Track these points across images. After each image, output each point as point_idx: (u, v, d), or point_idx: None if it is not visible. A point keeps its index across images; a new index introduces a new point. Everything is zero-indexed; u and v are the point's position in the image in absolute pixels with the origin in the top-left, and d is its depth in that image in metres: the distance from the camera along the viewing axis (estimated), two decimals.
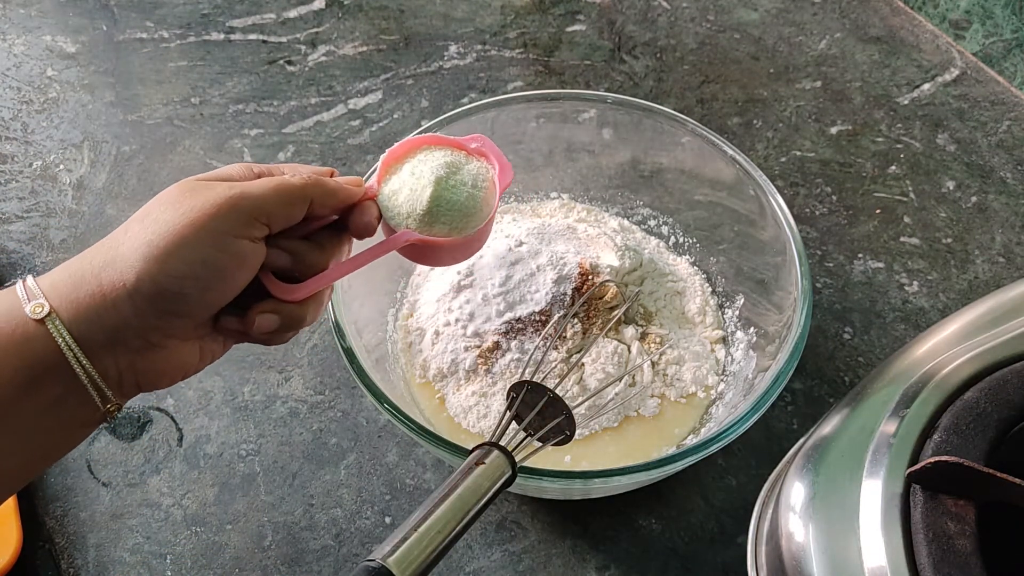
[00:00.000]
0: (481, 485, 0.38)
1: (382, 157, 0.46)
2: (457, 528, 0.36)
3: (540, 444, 0.44)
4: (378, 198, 0.45)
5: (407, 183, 0.44)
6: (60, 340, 0.34)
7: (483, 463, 0.39)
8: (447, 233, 0.45)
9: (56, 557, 0.53)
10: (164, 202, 0.37)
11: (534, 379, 0.45)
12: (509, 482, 0.40)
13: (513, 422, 0.45)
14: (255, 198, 0.37)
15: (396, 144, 0.46)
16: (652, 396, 0.57)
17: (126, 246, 0.35)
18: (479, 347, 0.56)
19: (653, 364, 0.57)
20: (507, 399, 0.45)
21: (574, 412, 0.45)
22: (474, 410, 0.56)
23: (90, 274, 0.35)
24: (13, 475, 0.36)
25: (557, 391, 0.45)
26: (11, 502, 0.53)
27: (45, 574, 0.53)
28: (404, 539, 0.34)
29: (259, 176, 0.40)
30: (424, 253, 0.46)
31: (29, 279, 0.36)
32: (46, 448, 0.36)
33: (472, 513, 0.37)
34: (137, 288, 0.35)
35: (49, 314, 0.34)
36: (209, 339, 0.39)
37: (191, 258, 0.35)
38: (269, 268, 0.40)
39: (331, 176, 0.43)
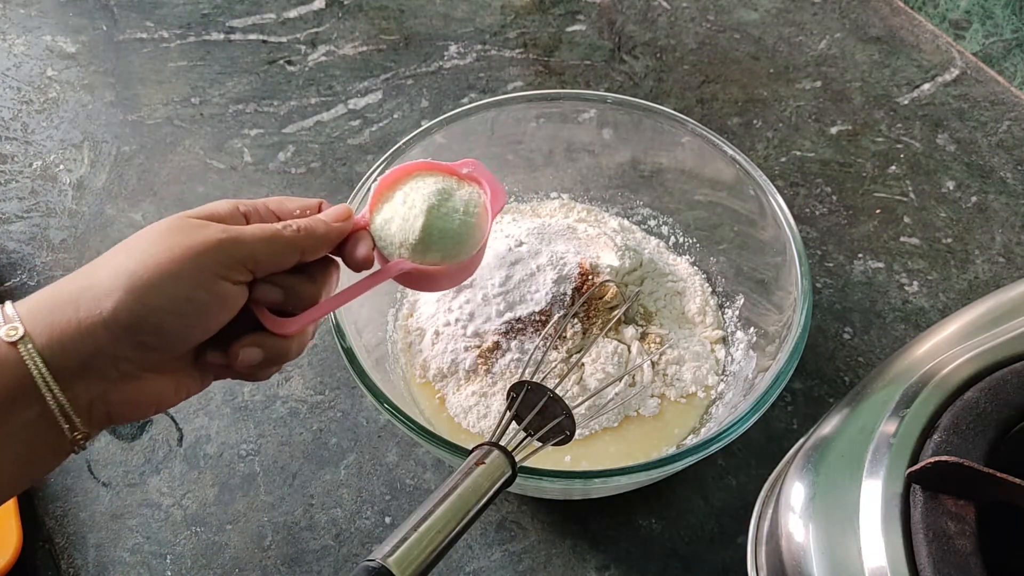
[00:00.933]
0: (481, 485, 0.38)
1: (373, 186, 0.45)
2: (457, 528, 0.36)
3: (540, 444, 0.44)
4: (371, 227, 0.44)
5: (399, 212, 0.44)
6: (31, 364, 0.33)
7: (483, 463, 0.39)
8: (440, 261, 0.45)
9: (56, 557, 0.53)
10: (152, 235, 0.36)
11: (534, 379, 0.45)
12: (509, 482, 0.40)
13: (513, 422, 0.45)
14: (246, 246, 0.37)
15: (388, 171, 0.46)
16: (652, 396, 0.57)
17: (106, 273, 0.35)
18: (479, 347, 0.56)
19: (653, 364, 0.57)
20: (507, 399, 0.45)
21: (574, 412, 0.45)
22: (474, 410, 0.56)
23: (68, 299, 0.35)
24: None
25: (557, 391, 0.45)
26: (11, 502, 0.53)
27: (45, 574, 0.53)
28: (404, 539, 0.34)
29: (245, 215, 0.40)
30: (417, 280, 0.46)
31: (8, 304, 0.35)
32: (11, 475, 0.35)
33: (472, 513, 0.37)
34: (114, 317, 0.34)
35: (23, 337, 0.33)
36: (185, 373, 0.39)
37: (172, 293, 0.35)
38: (260, 302, 0.39)
39: (319, 208, 0.42)
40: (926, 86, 0.82)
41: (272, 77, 0.83)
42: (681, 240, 0.65)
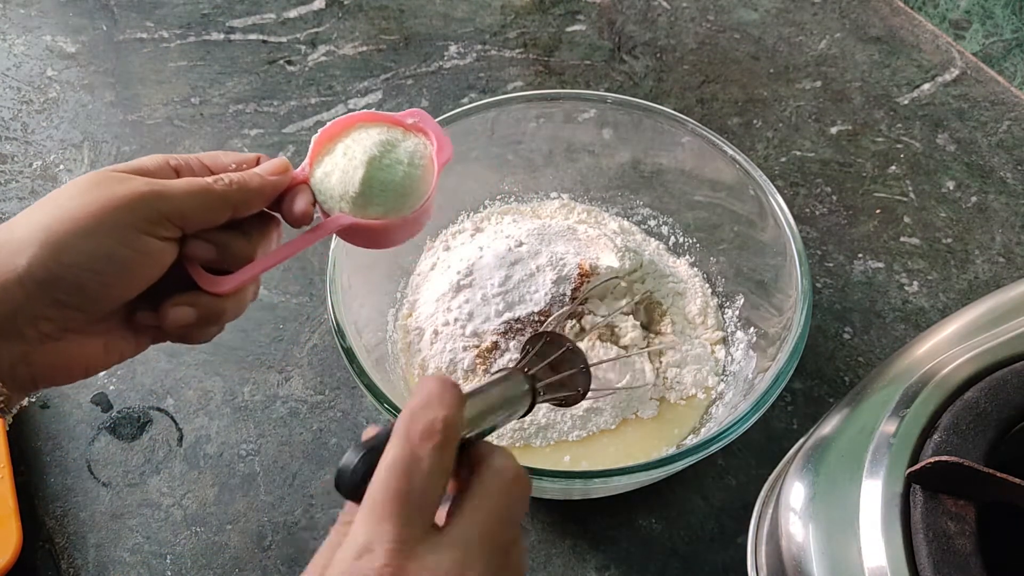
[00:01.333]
0: (506, 392, 0.38)
1: (313, 138, 0.44)
2: (478, 424, 0.35)
3: (558, 386, 0.43)
4: (311, 181, 0.43)
5: (339, 164, 0.42)
6: None
7: (508, 379, 0.38)
8: (383, 215, 0.43)
9: (56, 557, 0.53)
10: (71, 188, 0.35)
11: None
12: (528, 405, 0.39)
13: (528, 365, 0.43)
14: (171, 199, 0.35)
15: (328, 124, 0.44)
16: (652, 399, 0.57)
17: (22, 229, 0.33)
18: (477, 347, 0.56)
19: (656, 369, 0.57)
20: (522, 351, 0.44)
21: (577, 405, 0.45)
22: None
23: None
24: None
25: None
26: (11, 502, 0.53)
27: (45, 574, 0.53)
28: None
29: (176, 169, 0.38)
30: (363, 236, 0.44)
31: None
32: None
33: (493, 417, 0.36)
34: (29, 274, 0.33)
35: None
36: (117, 335, 0.37)
37: (89, 249, 0.34)
38: (192, 259, 0.38)
39: (256, 162, 0.41)
40: (926, 86, 0.82)
41: (272, 77, 0.83)
42: (681, 240, 0.65)
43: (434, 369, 0.57)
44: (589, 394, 0.48)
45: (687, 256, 0.65)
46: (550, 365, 0.42)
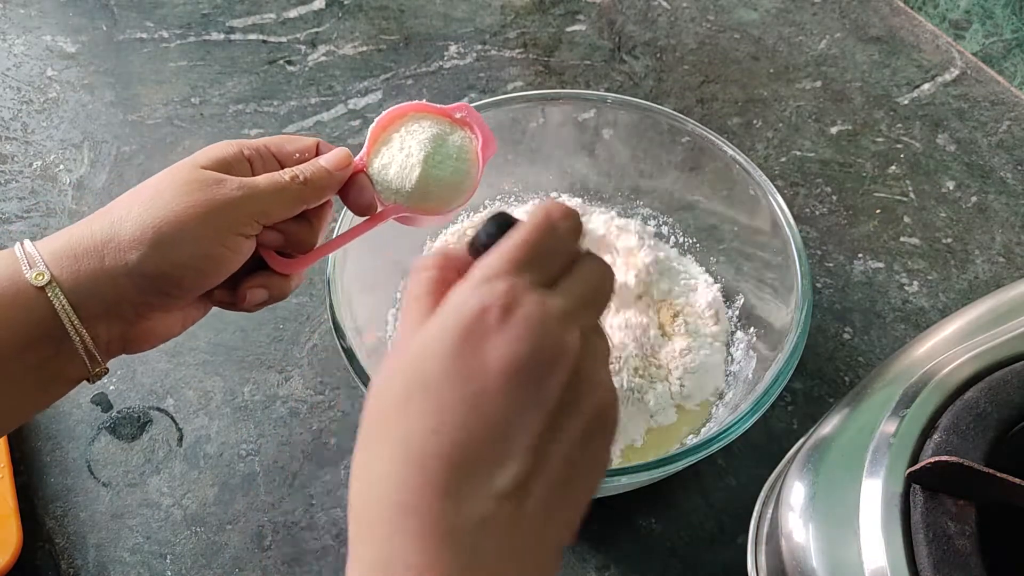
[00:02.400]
0: None
1: (371, 128, 0.47)
2: None
3: None
4: (369, 170, 0.46)
5: (396, 158, 0.46)
6: (60, 308, 0.36)
7: None
8: (434, 207, 0.47)
9: (56, 557, 0.53)
10: (172, 188, 0.38)
11: None
12: None
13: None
14: (259, 201, 0.39)
15: (383, 113, 0.47)
16: (670, 406, 0.56)
17: (130, 226, 0.37)
18: None
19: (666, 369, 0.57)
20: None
21: None
22: None
23: (92, 248, 0.37)
24: None
25: None
26: (11, 502, 0.53)
27: (45, 574, 0.53)
28: None
29: (249, 160, 0.42)
30: (411, 221, 0.49)
31: (28, 243, 0.37)
32: (26, 404, 0.38)
33: None
34: (139, 269, 0.36)
35: (50, 282, 0.36)
36: (193, 307, 0.42)
37: (192, 250, 0.37)
38: (266, 246, 0.42)
39: (316, 149, 0.44)
40: (926, 86, 0.82)
41: (272, 77, 0.83)
42: (681, 240, 0.65)
43: None
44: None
45: (688, 256, 0.65)
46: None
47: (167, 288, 0.38)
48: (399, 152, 0.46)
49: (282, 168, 0.42)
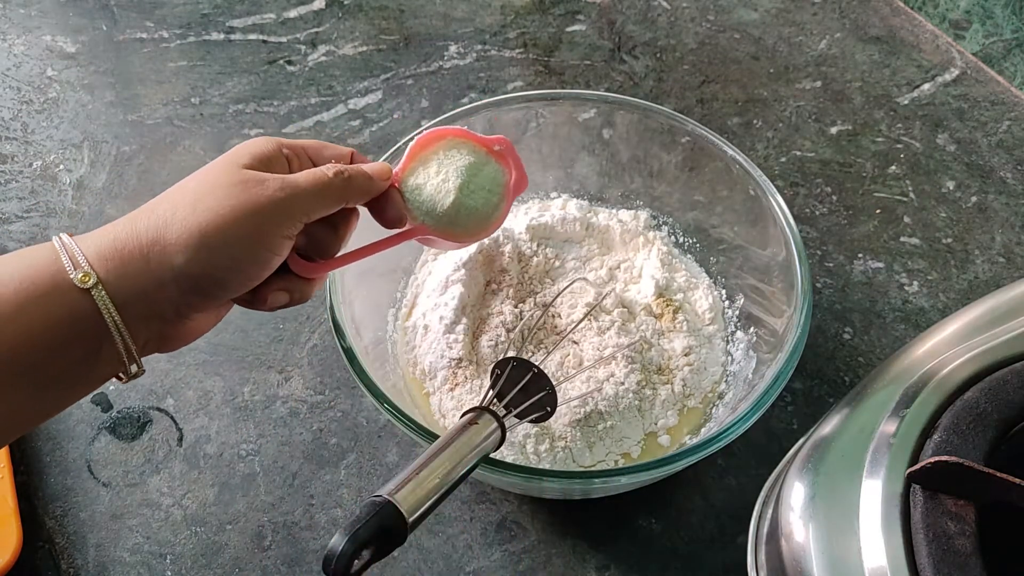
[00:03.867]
0: (474, 440, 0.41)
1: (410, 145, 0.47)
2: (452, 479, 0.39)
3: (527, 408, 0.46)
4: (402, 186, 0.47)
5: (432, 181, 0.46)
6: (105, 311, 0.35)
7: (476, 423, 0.42)
8: (459, 234, 0.48)
9: (56, 557, 0.53)
10: (215, 189, 0.38)
11: (519, 355, 0.48)
12: (499, 441, 0.42)
13: (496, 398, 0.46)
14: (302, 201, 0.39)
15: (425, 132, 0.48)
16: (672, 408, 0.56)
17: (176, 229, 0.37)
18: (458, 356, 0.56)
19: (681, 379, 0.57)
20: (491, 376, 0.47)
21: (571, 383, 0.46)
22: (451, 414, 0.55)
23: (137, 249, 0.37)
24: (23, 423, 0.37)
25: (559, 366, 0.45)
26: (11, 502, 0.53)
27: (45, 574, 0.53)
28: (407, 480, 0.37)
29: (288, 160, 0.42)
30: (435, 243, 0.49)
31: (67, 239, 0.37)
32: (59, 400, 0.38)
33: (467, 466, 0.40)
34: (185, 272, 0.37)
35: (96, 284, 0.35)
36: (224, 306, 0.42)
37: (236, 252, 0.38)
38: (292, 249, 0.42)
39: (351, 158, 0.45)
40: (926, 86, 0.82)
41: (272, 77, 0.83)
42: (681, 240, 0.65)
43: (425, 366, 0.57)
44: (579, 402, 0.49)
45: (688, 256, 0.65)
46: (518, 390, 0.46)
47: (210, 289, 0.38)
48: (435, 175, 0.47)
49: None
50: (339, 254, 0.45)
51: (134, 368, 0.38)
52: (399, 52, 0.86)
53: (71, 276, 0.35)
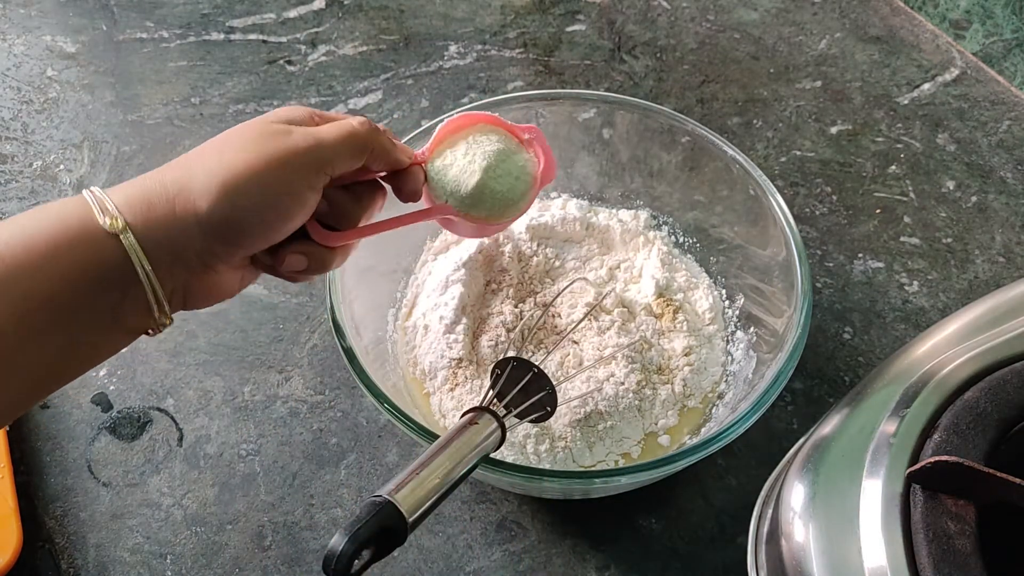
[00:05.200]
0: (474, 440, 0.41)
1: (440, 126, 0.47)
2: (452, 479, 0.39)
3: (527, 408, 0.46)
4: (428, 166, 0.47)
5: (458, 162, 0.46)
6: (133, 255, 0.36)
7: (476, 423, 0.42)
8: (484, 217, 0.48)
9: (56, 557, 0.53)
10: (241, 139, 0.39)
11: (520, 355, 0.48)
12: (499, 441, 0.42)
13: (497, 398, 0.46)
14: (328, 149, 0.40)
15: (456, 115, 0.48)
16: (672, 408, 0.56)
17: (201, 176, 0.37)
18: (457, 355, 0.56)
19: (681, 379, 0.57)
20: (491, 376, 0.47)
21: (572, 382, 0.46)
22: (452, 414, 0.55)
23: (163, 196, 0.37)
24: (55, 377, 0.38)
25: (559, 366, 0.45)
26: (11, 502, 0.53)
27: (45, 574, 0.53)
28: (406, 481, 0.37)
29: (316, 124, 0.42)
30: (455, 227, 0.49)
31: (97, 190, 0.37)
32: (90, 353, 0.38)
33: (467, 466, 0.40)
34: (208, 216, 0.37)
35: (124, 228, 0.36)
36: (248, 269, 0.42)
37: (260, 197, 0.38)
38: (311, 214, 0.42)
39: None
40: (926, 86, 0.82)
41: (272, 77, 0.83)
42: (681, 240, 0.65)
43: (425, 366, 0.57)
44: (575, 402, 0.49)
45: (688, 255, 0.65)
46: (518, 390, 0.46)
47: (233, 237, 0.38)
48: (463, 157, 0.47)
49: None
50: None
51: (163, 319, 0.38)
52: (399, 52, 0.86)
53: (100, 222, 0.36)
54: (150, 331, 0.39)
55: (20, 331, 0.34)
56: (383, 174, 0.45)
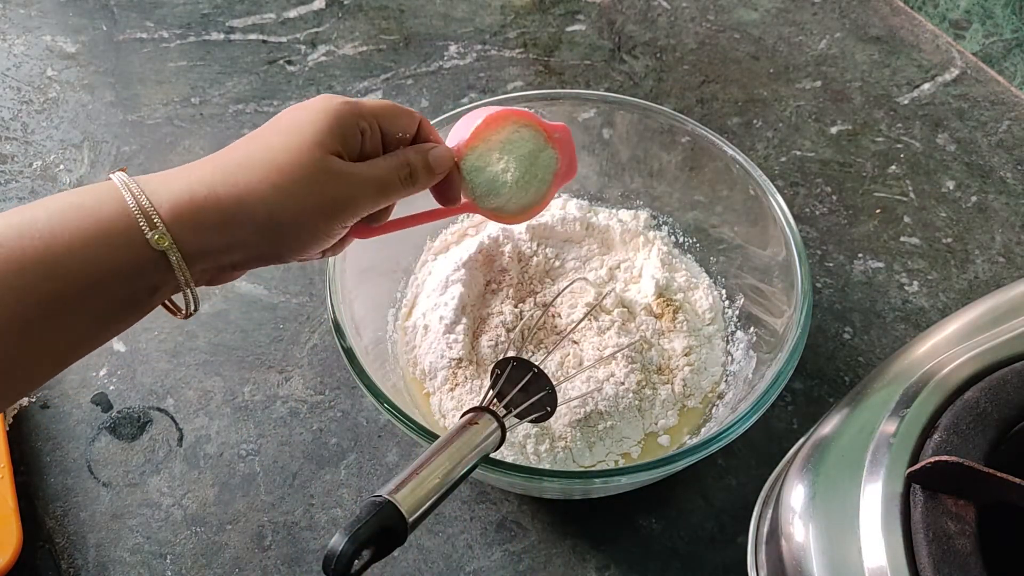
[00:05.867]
0: (474, 440, 0.41)
1: (476, 122, 0.48)
2: (452, 479, 0.39)
3: (527, 408, 0.46)
4: (462, 162, 0.48)
5: (492, 168, 0.48)
6: (179, 270, 0.37)
7: (476, 423, 0.42)
8: (501, 216, 0.51)
9: (56, 557, 0.53)
10: (300, 175, 0.39)
11: (519, 355, 0.48)
12: (499, 441, 0.43)
13: (497, 398, 0.46)
14: (369, 200, 0.42)
15: (494, 111, 0.49)
16: (672, 408, 0.56)
17: (252, 204, 0.38)
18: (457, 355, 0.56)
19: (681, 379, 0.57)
20: (491, 376, 0.47)
21: (572, 382, 0.46)
22: (453, 413, 0.55)
23: (215, 217, 0.37)
24: (83, 349, 0.38)
25: (559, 366, 0.46)
26: (11, 502, 0.53)
27: (45, 574, 0.53)
28: (407, 480, 0.37)
29: (361, 129, 0.43)
30: (472, 211, 0.51)
31: (133, 186, 0.36)
32: (118, 327, 0.39)
33: (467, 466, 0.40)
34: (254, 246, 0.39)
35: (171, 247, 0.36)
36: None
37: (304, 237, 0.40)
38: None
39: (419, 128, 0.46)
40: (926, 86, 0.82)
41: (272, 77, 0.83)
42: (681, 240, 0.65)
43: (425, 366, 0.57)
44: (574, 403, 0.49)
45: (688, 255, 0.65)
46: (518, 390, 0.46)
47: (270, 260, 0.41)
48: (497, 162, 0.48)
49: (384, 143, 0.44)
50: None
51: (193, 307, 0.40)
52: (399, 52, 0.86)
53: (147, 235, 0.36)
54: (176, 314, 0.41)
55: (47, 316, 0.34)
56: None
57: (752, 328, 0.58)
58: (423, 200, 0.49)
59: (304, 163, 0.39)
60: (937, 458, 0.36)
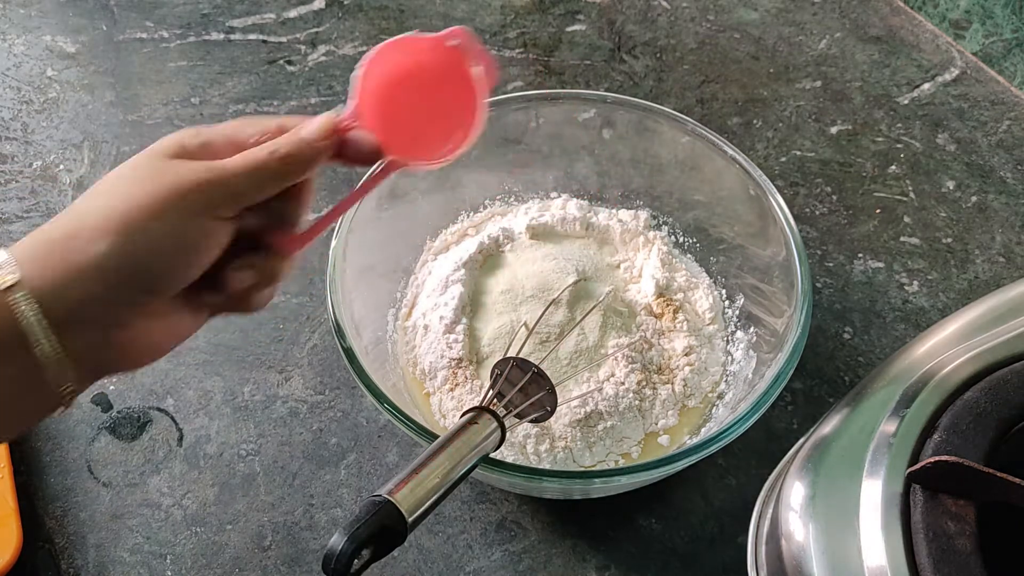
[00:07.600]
0: (473, 440, 0.41)
1: (356, 76, 0.40)
2: (452, 478, 0.39)
3: (526, 408, 0.46)
4: (364, 120, 0.40)
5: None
6: (28, 312, 0.32)
7: (476, 423, 0.41)
8: (434, 152, 0.42)
9: (56, 557, 0.53)
10: (134, 175, 0.36)
11: (519, 355, 0.47)
12: (499, 441, 0.42)
13: (497, 398, 0.46)
14: (232, 184, 0.36)
15: (367, 60, 0.40)
16: (672, 409, 0.56)
17: (94, 216, 0.34)
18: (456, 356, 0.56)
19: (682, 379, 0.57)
20: (491, 376, 0.47)
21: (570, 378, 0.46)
22: (453, 413, 0.55)
23: (56, 243, 0.34)
24: None
25: (559, 366, 0.45)
26: (11, 502, 0.53)
27: (45, 574, 0.53)
28: (406, 480, 0.37)
29: (211, 143, 0.38)
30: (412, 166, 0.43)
31: (1, 251, 0.34)
32: (9, 420, 0.35)
33: (467, 466, 0.40)
34: (107, 261, 0.34)
35: (14, 285, 0.32)
36: (176, 316, 0.38)
37: (161, 236, 0.34)
38: (243, 230, 0.38)
39: (278, 131, 0.39)
40: (926, 86, 0.82)
41: (272, 77, 0.83)
42: (681, 240, 0.65)
43: (425, 366, 0.57)
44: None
45: (688, 255, 0.65)
46: (518, 389, 0.46)
47: (138, 281, 0.35)
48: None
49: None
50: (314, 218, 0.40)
51: (65, 384, 0.35)
52: None
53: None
54: (62, 404, 0.36)
55: None
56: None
57: (752, 328, 0.58)
58: None
59: (136, 164, 0.36)
60: (937, 458, 0.36)
